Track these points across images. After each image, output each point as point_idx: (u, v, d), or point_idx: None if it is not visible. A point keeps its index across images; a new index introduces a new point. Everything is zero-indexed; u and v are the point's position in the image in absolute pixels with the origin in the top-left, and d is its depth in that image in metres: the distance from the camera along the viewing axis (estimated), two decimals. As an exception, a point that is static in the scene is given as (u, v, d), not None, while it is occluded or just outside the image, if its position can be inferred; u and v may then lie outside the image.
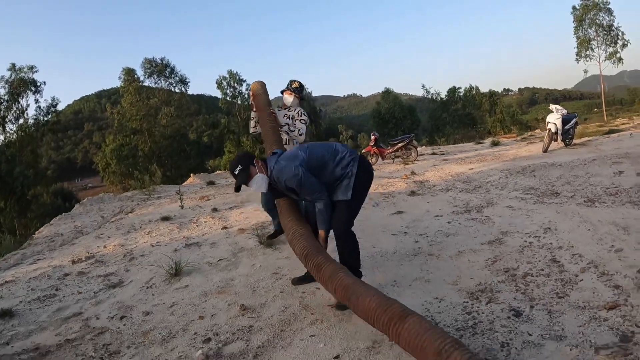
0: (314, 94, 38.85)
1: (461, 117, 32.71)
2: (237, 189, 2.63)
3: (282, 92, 3.60)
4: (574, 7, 29.11)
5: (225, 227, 5.34)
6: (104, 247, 4.82)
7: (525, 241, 3.16)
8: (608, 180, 4.49)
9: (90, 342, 2.49)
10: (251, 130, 3.74)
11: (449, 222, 4.05)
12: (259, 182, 2.51)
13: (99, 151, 27.56)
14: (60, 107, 29.18)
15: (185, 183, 12.31)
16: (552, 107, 8.11)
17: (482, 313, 2.14)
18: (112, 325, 2.71)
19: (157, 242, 4.83)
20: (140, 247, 4.70)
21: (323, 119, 37.67)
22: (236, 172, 2.49)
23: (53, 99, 26.00)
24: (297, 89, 3.59)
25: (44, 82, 25.37)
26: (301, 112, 3.54)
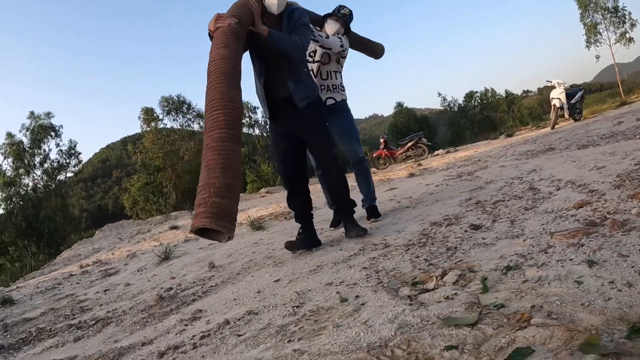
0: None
1: (480, 121, 32.06)
2: None
3: (324, 17, 2.82)
4: None
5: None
6: (112, 254, 5.03)
7: (507, 183, 3.02)
8: (606, 130, 4.27)
9: (69, 307, 2.58)
10: None
11: (436, 186, 3.95)
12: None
13: (126, 193, 28.58)
14: (87, 156, 30.56)
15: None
16: (554, 81, 7.65)
17: (439, 233, 2.03)
18: (95, 296, 2.80)
19: (160, 243, 4.97)
20: (143, 249, 4.86)
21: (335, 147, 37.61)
22: None
23: (71, 141, 27.27)
24: (347, 17, 2.81)
25: (61, 126, 26.93)
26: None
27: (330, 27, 2.74)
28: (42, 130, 26.02)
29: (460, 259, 1.54)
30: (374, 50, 3.13)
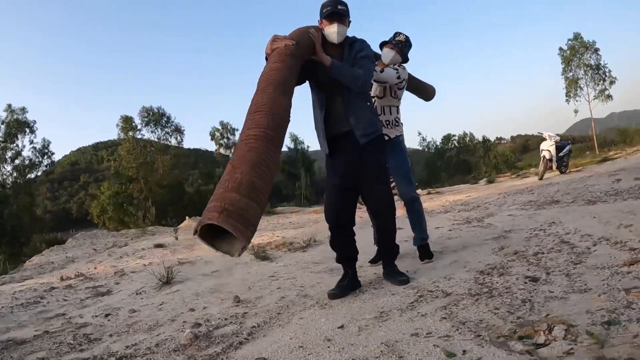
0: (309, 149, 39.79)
1: (456, 164, 33.23)
2: None
3: (381, 45, 2.70)
4: (560, 49, 28.93)
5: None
6: (94, 268, 4.63)
7: (531, 233, 3.06)
8: (607, 186, 4.47)
9: (70, 333, 2.28)
10: None
11: (450, 231, 3.95)
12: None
13: (94, 200, 27.47)
14: (56, 157, 29.64)
15: (180, 225, 12.10)
16: (545, 134, 8.05)
17: (496, 283, 1.99)
18: (96, 321, 2.51)
19: (150, 262, 4.66)
20: (132, 266, 4.52)
21: (314, 174, 38.30)
22: None
23: (44, 140, 26.53)
24: (403, 44, 2.65)
25: (35, 121, 25.91)
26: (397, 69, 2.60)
27: (386, 56, 2.61)
28: (18, 124, 24.86)
29: (546, 312, 1.52)
30: (426, 92, 3.05)
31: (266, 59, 1.91)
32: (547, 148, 7.75)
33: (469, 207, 5.69)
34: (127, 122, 28.23)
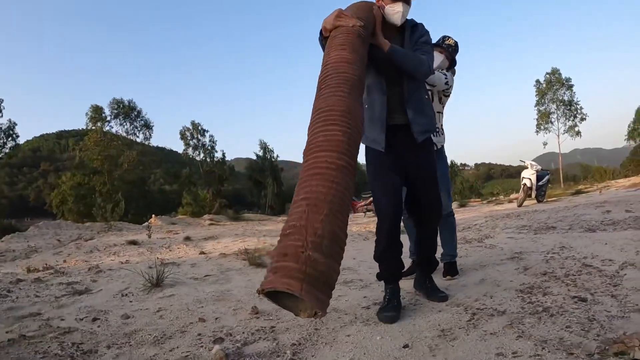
0: (278, 158, 39.57)
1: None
2: None
3: None
4: (537, 81, 30.26)
5: (203, 253, 4.84)
6: (64, 261, 4.13)
7: (546, 256, 3.02)
8: (599, 217, 4.59)
9: (54, 340, 1.91)
10: None
11: (455, 248, 3.87)
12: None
13: (54, 190, 25.78)
14: (19, 141, 27.83)
15: (146, 223, 11.40)
16: (527, 162, 8.35)
17: (545, 302, 1.89)
18: (82, 326, 2.14)
19: (127, 260, 4.23)
20: (107, 263, 4.07)
21: (282, 184, 38.08)
22: None
23: (10, 122, 24.94)
24: (452, 48, 2.58)
25: (2, 100, 24.19)
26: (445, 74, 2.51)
27: (435, 59, 2.44)
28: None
29: (621, 330, 1.45)
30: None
31: (322, 36, 1.67)
32: (529, 176, 8.01)
33: (459, 228, 5.69)
34: (96, 112, 27.16)
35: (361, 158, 1.99)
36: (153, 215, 11.29)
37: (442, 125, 2.61)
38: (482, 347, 1.39)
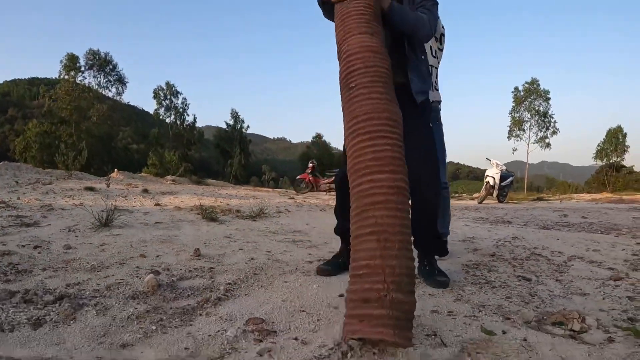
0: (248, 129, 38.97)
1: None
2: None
3: None
4: (516, 88, 30.61)
5: (158, 204, 4.69)
6: (17, 198, 3.91)
7: (498, 242, 3.09)
8: (556, 218, 4.78)
9: (-13, 259, 1.78)
10: None
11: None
12: None
13: (19, 136, 24.40)
14: None
15: (110, 175, 10.96)
16: (493, 161, 8.43)
17: (491, 277, 1.92)
18: (23, 251, 2.03)
19: (81, 203, 4.03)
20: (61, 203, 3.88)
21: (250, 156, 37.61)
22: None
23: None
24: None
25: None
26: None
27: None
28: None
29: (560, 307, 1.47)
30: None
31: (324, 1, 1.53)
32: (493, 175, 8.12)
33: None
34: (71, 61, 25.97)
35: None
36: (115, 170, 10.87)
37: (437, 82, 2.47)
38: (418, 305, 1.38)
